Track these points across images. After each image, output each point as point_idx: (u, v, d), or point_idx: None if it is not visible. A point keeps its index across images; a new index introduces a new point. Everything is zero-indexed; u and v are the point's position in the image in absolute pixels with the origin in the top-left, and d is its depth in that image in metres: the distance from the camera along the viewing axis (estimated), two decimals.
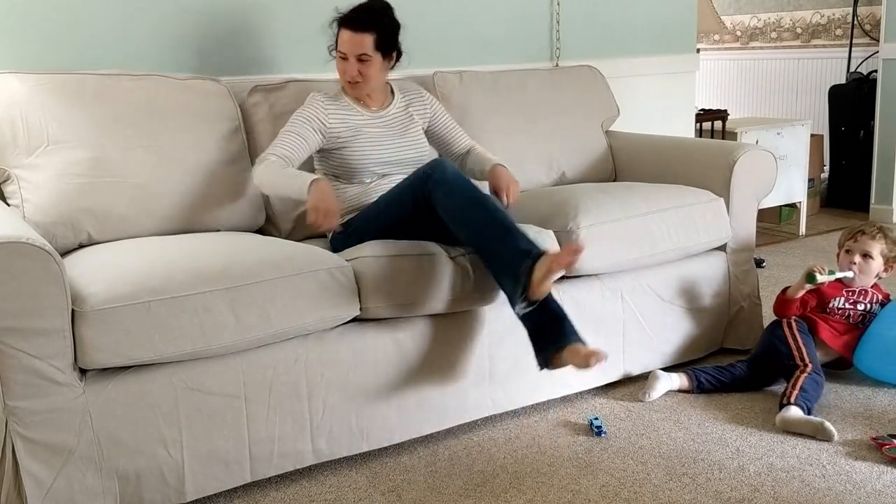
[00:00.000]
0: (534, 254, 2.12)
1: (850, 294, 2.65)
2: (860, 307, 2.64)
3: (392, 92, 2.63)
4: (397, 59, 2.55)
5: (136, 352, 1.86)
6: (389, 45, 2.48)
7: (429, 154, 2.60)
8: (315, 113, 2.44)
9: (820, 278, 2.55)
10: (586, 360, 2.10)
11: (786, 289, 2.68)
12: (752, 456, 2.21)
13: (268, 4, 2.91)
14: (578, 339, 2.17)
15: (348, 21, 2.42)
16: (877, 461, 2.16)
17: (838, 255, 2.73)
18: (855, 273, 2.62)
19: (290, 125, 2.43)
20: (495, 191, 2.47)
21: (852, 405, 2.49)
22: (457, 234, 2.22)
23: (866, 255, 2.63)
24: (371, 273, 2.15)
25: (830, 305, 2.65)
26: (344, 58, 2.44)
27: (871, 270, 2.64)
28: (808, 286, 2.59)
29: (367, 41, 2.41)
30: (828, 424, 2.26)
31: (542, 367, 2.20)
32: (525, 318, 2.18)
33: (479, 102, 3.03)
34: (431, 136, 2.68)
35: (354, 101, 2.53)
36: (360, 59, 2.43)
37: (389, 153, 2.50)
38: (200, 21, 2.79)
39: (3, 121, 2.26)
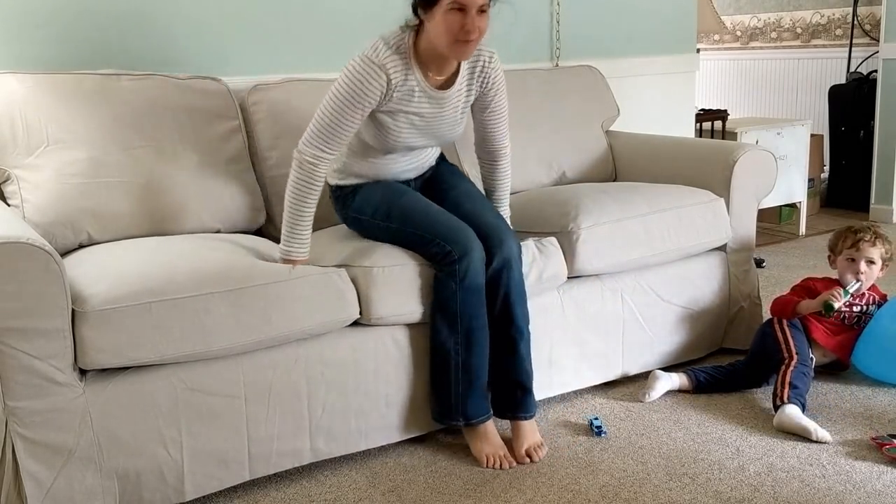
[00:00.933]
0: (472, 422, 2.22)
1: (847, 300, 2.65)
2: (856, 309, 2.64)
3: (460, 65, 2.22)
4: None
5: (137, 352, 1.86)
6: None
7: (459, 134, 2.33)
8: (368, 92, 2.06)
9: (836, 305, 2.54)
10: (525, 454, 2.22)
11: (791, 299, 2.64)
12: (752, 456, 2.21)
13: (269, 4, 2.91)
14: (532, 414, 2.26)
15: None
16: (877, 461, 2.16)
17: (830, 258, 2.72)
18: (862, 282, 2.61)
19: (336, 111, 2.07)
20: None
21: (852, 405, 2.49)
22: (430, 322, 2.20)
23: (870, 262, 2.62)
24: (372, 281, 2.15)
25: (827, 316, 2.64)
26: (461, 9, 2.01)
27: (874, 275, 2.64)
28: (827, 315, 2.57)
29: None
30: (818, 432, 2.26)
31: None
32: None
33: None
34: (473, 108, 2.33)
35: (421, 72, 2.14)
36: (482, 9, 2.05)
37: (427, 137, 2.26)
38: (201, 21, 2.80)
39: (3, 121, 2.26)
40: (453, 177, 2.48)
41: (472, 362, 2.19)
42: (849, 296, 2.57)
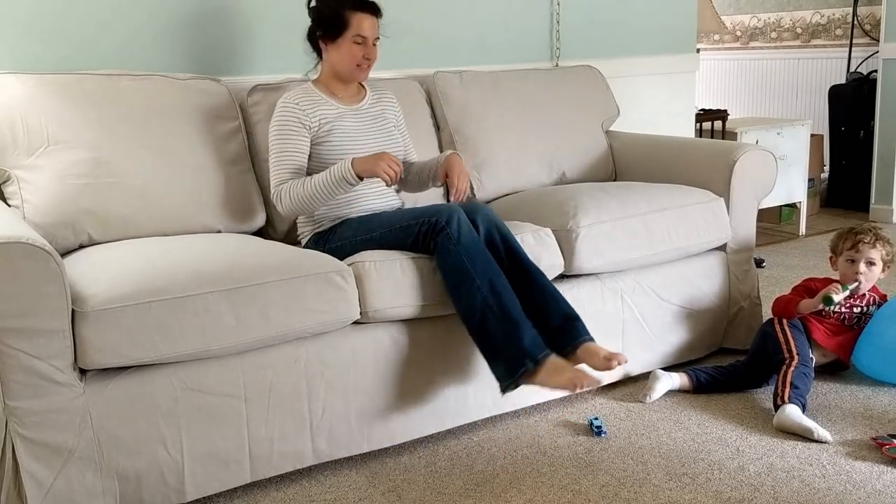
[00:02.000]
0: (538, 358, 2.10)
1: (848, 297, 2.65)
2: (856, 309, 2.64)
3: (362, 87, 2.60)
4: None
5: (137, 352, 1.86)
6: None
7: (404, 153, 2.57)
8: (293, 116, 2.39)
9: (836, 298, 2.55)
10: (607, 363, 2.15)
11: (792, 298, 2.65)
12: (752, 456, 2.21)
13: (269, 4, 2.91)
14: (591, 338, 2.21)
15: (368, 5, 2.43)
16: (877, 461, 2.16)
17: (831, 258, 2.72)
18: (861, 283, 2.62)
19: (280, 142, 2.37)
20: (446, 178, 2.41)
21: (852, 405, 2.49)
22: (452, 299, 2.18)
23: (870, 263, 2.63)
24: (372, 277, 2.15)
25: (826, 309, 2.65)
26: (362, 42, 2.41)
27: (874, 277, 2.64)
28: (827, 308, 2.59)
29: (377, 24, 2.45)
30: (819, 431, 2.26)
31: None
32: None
33: (480, 102, 3.03)
34: None
35: (327, 93, 2.49)
36: (375, 41, 2.44)
37: (370, 144, 2.45)
38: (201, 21, 2.80)
39: (3, 121, 2.26)
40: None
41: (506, 305, 2.14)
42: (847, 292, 2.58)
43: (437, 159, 2.51)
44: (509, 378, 2.13)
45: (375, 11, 2.44)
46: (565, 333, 2.22)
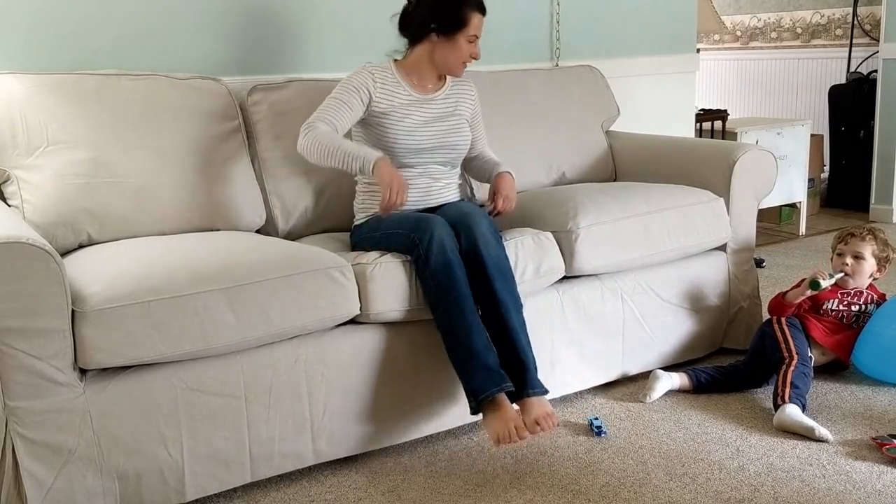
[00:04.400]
0: (479, 399, 2.12)
1: (844, 296, 2.65)
2: (854, 308, 2.65)
3: (444, 77, 2.59)
4: None
5: (136, 352, 1.86)
6: None
7: (467, 145, 2.57)
8: (364, 82, 2.42)
9: (823, 283, 2.56)
10: (534, 426, 2.10)
11: (784, 292, 2.67)
12: (752, 456, 2.21)
13: (270, 3, 2.91)
14: (539, 390, 2.17)
15: (481, 5, 2.46)
16: (877, 461, 2.16)
17: (832, 259, 2.74)
18: (847, 274, 2.63)
19: (338, 92, 2.40)
20: (493, 194, 2.48)
21: (852, 405, 2.49)
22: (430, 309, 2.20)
23: (857, 257, 2.65)
24: (376, 279, 2.15)
25: (824, 307, 2.65)
26: (473, 42, 2.45)
27: (863, 271, 2.65)
28: (811, 292, 2.59)
29: None
30: (820, 430, 2.26)
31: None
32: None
33: (480, 102, 3.02)
34: None
35: (406, 80, 2.49)
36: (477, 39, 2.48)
37: (427, 139, 2.45)
38: (200, 20, 2.80)
39: (3, 121, 2.26)
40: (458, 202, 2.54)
41: (460, 333, 2.15)
42: (833, 280, 2.59)
43: (490, 171, 2.57)
44: (473, 409, 2.17)
45: (485, 10, 2.48)
46: (514, 380, 2.18)
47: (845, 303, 2.64)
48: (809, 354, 2.54)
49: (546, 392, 2.19)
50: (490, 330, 2.20)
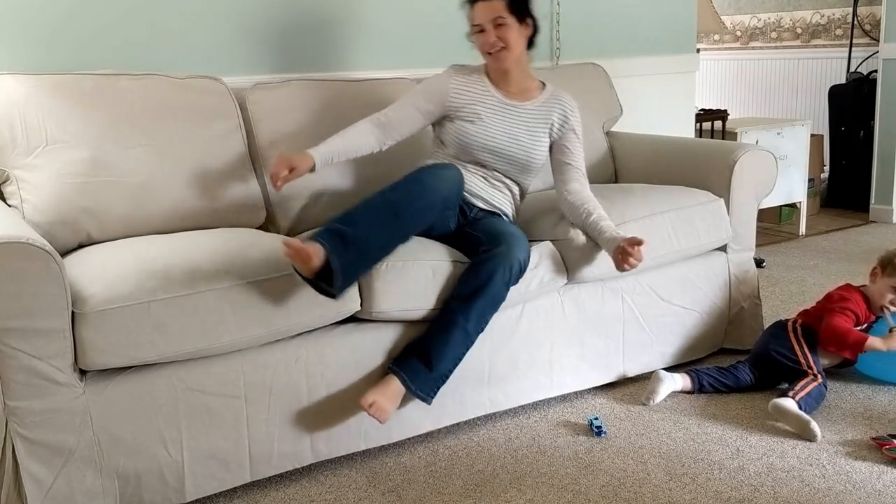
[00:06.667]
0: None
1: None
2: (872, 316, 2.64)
3: (543, 87, 2.57)
4: (535, 33, 2.51)
5: (136, 352, 1.86)
6: (523, 10, 2.43)
7: (539, 164, 2.51)
8: (439, 85, 2.47)
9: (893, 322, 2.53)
10: (371, 405, 2.08)
11: (859, 337, 2.51)
12: (752, 456, 2.21)
13: (270, 4, 2.91)
14: (400, 375, 2.14)
15: None
16: (877, 461, 2.16)
17: (875, 269, 2.65)
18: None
19: (412, 96, 2.48)
20: (622, 254, 2.32)
21: (852, 405, 2.49)
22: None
23: None
24: (385, 278, 2.15)
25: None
26: (481, 30, 2.41)
27: None
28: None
29: (498, 5, 2.38)
30: (814, 425, 2.26)
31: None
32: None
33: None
34: (551, 149, 2.55)
35: (493, 83, 2.49)
36: (497, 23, 2.39)
37: (497, 142, 2.44)
38: (200, 20, 2.79)
39: (2, 121, 2.25)
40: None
41: (372, 224, 2.09)
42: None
43: (608, 230, 2.38)
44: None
45: None
46: (402, 356, 2.18)
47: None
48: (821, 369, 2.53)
49: (425, 400, 2.17)
50: (437, 316, 2.20)
